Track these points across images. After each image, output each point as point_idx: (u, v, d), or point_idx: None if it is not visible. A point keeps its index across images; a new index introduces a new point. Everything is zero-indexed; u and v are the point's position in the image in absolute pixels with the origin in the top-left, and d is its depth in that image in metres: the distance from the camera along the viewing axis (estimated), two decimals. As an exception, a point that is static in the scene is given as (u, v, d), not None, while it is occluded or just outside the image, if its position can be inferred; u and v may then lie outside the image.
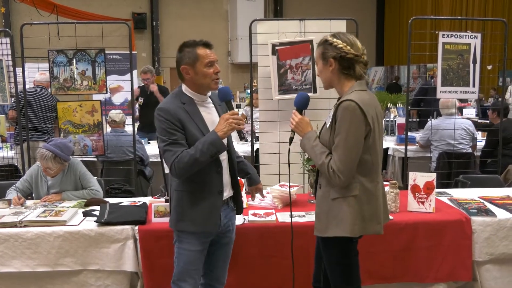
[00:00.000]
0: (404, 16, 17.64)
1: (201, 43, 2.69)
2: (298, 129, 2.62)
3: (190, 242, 2.74)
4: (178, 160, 2.58)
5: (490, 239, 3.34)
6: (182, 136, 2.63)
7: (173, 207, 2.79)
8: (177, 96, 2.74)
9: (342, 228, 2.49)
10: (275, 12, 18.35)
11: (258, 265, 3.30)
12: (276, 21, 4.79)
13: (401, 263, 3.35)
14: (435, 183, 3.53)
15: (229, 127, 2.59)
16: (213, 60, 2.68)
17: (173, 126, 2.62)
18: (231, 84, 17.09)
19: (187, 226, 2.73)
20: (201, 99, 2.76)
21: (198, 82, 2.70)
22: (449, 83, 5.23)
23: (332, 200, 2.52)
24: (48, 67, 4.83)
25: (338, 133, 2.44)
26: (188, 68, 2.68)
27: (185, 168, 2.59)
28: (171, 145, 2.61)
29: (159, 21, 17.06)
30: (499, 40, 7.45)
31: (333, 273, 2.65)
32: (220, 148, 2.60)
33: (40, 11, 12.10)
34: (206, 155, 2.57)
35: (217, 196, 2.74)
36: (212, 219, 2.73)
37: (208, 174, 2.70)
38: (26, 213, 3.45)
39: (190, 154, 2.57)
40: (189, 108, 2.69)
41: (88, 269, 3.25)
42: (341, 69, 2.54)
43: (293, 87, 4.61)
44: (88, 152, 4.97)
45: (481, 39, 5.24)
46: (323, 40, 2.59)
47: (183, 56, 2.69)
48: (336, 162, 2.43)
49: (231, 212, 2.91)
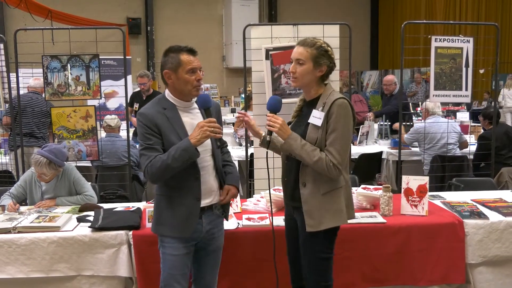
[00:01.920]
0: (398, 21, 17.69)
1: (185, 49, 2.70)
2: (281, 131, 2.66)
3: (173, 247, 2.74)
4: (151, 164, 2.60)
5: (483, 242, 3.37)
6: (158, 141, 2.65)
7: (153, 211, 2.83)
8: (159, 101, 2.75)
9: (337, 218, 2.67)
10: (269, 16, 18.37)
11: (252, 269, 3.30)
12: (270, 26, 4.82)
13: (394, 266, 3.36)
14: (428, 186, 3.55)
15: (203, 135, 2.58)
16: (196, 67, 2.68)
17: (150, 131, 2.64)
18: (226, 88, 17.10)
19: (165, 230, 2.75)
20: (183, 105, 2.75)
21: (179, 88, 2.71)
22: (442, 87, 5.27)
23: (322, 195, 2.65)
24: (42, 72, 4.83)
25: (335, 128, 2.59)
26: (170, 73, 2.69)
27: (158, 173, 2.60)
28: (146, 150, 2.64)
29: (154, 26, 17.04)
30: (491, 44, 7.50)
31: (316, 269, 2.73)
32: (192, 155, 2.59)
33: (34, 16, 12.06)
34: (178, 161, 2.57)
35: (195, 202, 2.72)
36: (189, 225, 2.71)
37: (186, 180, 2.70)
38: (20, 219, 3.45)
39: (163, 159, 2.58)
40: (169, 114, 2.69)
41: (82, 274, 3.25)
42: (324, 77, 2.71)
43: (287, 92, 4.63)
44: (83, 157, 4.97)
45: (474, 43, 5.29)
46: (318, 45, 2.68)
47: (167, 60, 2.70)
48: (335, 155, 2.57)
49: (217, 218, 2.88)
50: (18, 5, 11.64)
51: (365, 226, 3.35)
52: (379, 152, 6.45)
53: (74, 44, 4.90)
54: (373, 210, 3.63)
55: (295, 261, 2.90)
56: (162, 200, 2.76)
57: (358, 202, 3.70)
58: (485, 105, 13.72)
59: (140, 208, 3.64)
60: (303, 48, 2.69)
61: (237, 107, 12.82)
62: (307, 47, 2.68)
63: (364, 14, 19.69)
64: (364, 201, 3.69)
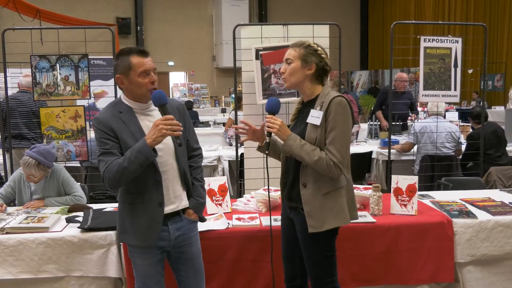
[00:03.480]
0: (388, 21, 17.80)
1: (136, 50, 2.57)
2: (280, 132, 2.63)
3: (141, 256, 2.66)
4: (107, 170, 2.48)
5: (472, 241, 3.39)
6: (115, 145, 2.54)
7: (117, 218, 2.72)
8: (115, 105, 2.64)
9: (340, 218, 2.66)
10: (259, 17, 18.40)
11: (242, 269, 3.30)
12: (260, 26, 4.82)
13: (384, 265, 3.37)
14: (417, 186, 3.57)
15: (158, 134, 2.42)
16: (148, 68, 2.55)
17: (105, 135, 2.53)
18: (216, 88, 17.10)
19: (129, 239, 2.65)
20: (140, 107, 2.63)
21: (133, 92, 2.59)
22: (431, 87, 5.31)
23: (323, 195, 2.63)
24: (30, 72, 4.79)
25: (334, 127, 2.58)
26: (122, 78, 2.57)
27: (115, 177, 2.48)
28: (103, 155, 2.53)
29: (144, 26, 17.01)
30: (480, 45, 7.56)
31: (318, 268, 2.72)
32: (148, 156, 2.44)
33: (22, 16, 11.99)
34: (134, 163, 2.43)
35: (157, 208, 2.59)
36: (152, 233, 2.60)
37: (147, 185, 2.58)
38: (8, 220, 3.42)
39: (119, 163, 2.46)
40: (125, 117, 2.58)
41: (72, 275, 3.23)
42: (316, 75, 2.70)
43: (277, 92, 4.64)
44: (72, 158, 4.94)
45: (462, 44, 5.32)
46: (306, 45, 2.70)
47: (118, 64, 2.58)
48: (336, 154, 2.56)
49: (187, 224, 2.74)
50: (6, 5, 11.55)
51: (354, 226, 3.34)
52: (369, 152, 6.47)
53: (63, 44, 4.88)
54: (363, 209, 3.64)
55: (291, 260, 2.89)
56: (124, 208, 2.65)
57: (348, 202, 3.71)
58: (474, 104, 13.85)
59: (129, 208, 3.62)
60: (292, 49, 2.72)
61: (228, 107, 12.83)
62: (296, 47, 2.71)
63: (354, 15, 19.78)
64: (354, 200, 3.70)
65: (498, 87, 14.35)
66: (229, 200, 3.74)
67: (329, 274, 2.74)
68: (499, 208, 3.62)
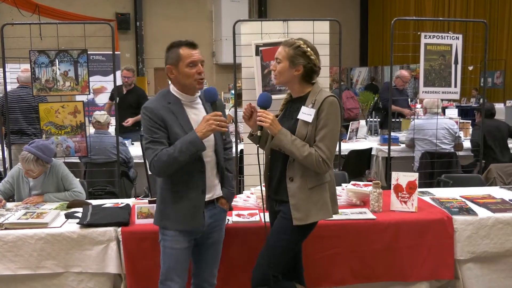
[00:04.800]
0: (388, 17, 17.78)
1: (184, 43, 2.70)
2: (272, 127, 2.68)
3: (174, 240, 2.75)
4: (157, 158, 2.60)
5: (472, 238, 3.38)
6: (164, 135, 2.65)
7: (157, 205, 2.82)
8: (164, 96, 2.76)
9: (323, 212, 2.75)
10: (259, 12, 18.35)
11: (241, 266, 3.29)
12: (260, 22, 4.80)
13: (384, 262, 3.37)
14: (417, 183, 3.56)
15: (208, 128, 2.59)
16: (196, 60, 2.68)
17: (155, 125, 2.64)
18: (216, 84, 17.02)
19: (170, 224, 2.75)
20: (188, 99, 2.77)
21: (181, 82, 2.72)
22: (431, 84, 5.29)
23: (309, 189, 2.71)
24: (30, 68, 4.77)
25: (325, 125, 2.66)
26: (172, 68, 2.70)
27: (164, 166, 2.61)
28: (152, 143, 2.64)
29: (143, 22, 16.95)
30: (480, 41, 7.54)
31: (275, 256, 2.76)
32: (199, 148, 2.60)
33: (21, 11, 11.96)
34: (185, 154, 2.58)
35: (200, 195, 2.74)
36: (196, 218, 2.74)
37: (191, 173, 2.71)
38: (7, 216, 3.41)
39: (169, 152, 2.59)
40: (174, 108, 2.70)
41: (71, 271, 3.22)
42: (304, 76, 2.75)
43: (277, 88, 4.62)
44: (71, 153, 4.93)
45: (463, 40, 5.31)
46: (296, 45, 2.74)
47: (168, 56, 2.72)
48: (325, 151, 2.64)
49: (219, 213, 2.89)
50: (5, 0, 11.52)
51: (355, 222, 3.35)
52: (368, 149, 6.47)
53: (62, 39, 4.86)
54: (363, 206, 3.63)
55: None
56: (167, 194, 2.75)
57: (348, 198, 3.71)
58: (473, 101, 13.85)
59: (129, 204, 3.62)
60: (282, 48, 2.77)
61: (227, 103, 12.79)
62: (286, 47, 2.75)
63: (354, 11, 19.73)
64: (354, 197, 3.70)
65: (497, 84, 14.33)
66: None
67: (277, 265, 2.76)
68: (499, 205, 3.61)
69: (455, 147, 6.00)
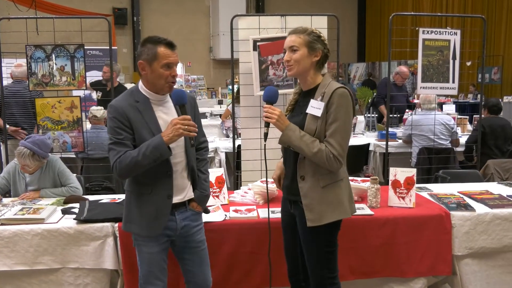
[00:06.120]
0: (385, 12, 17.76)
1: (164, 41, 2.57)
2: (279, 123, 2.57)
3: (147, 245, 2.68)
4: (120, 160, 2.50)
5: (469, 234, 3.38)
6: (129, 136, 2.55)
7: (124, 207, 2.74)
8: (132, 94, 2.63)
9: (339, 211, 2.61)
10: (257, 7, 18.29)
11: (239, 262, 3.29)
12: (258, 17, 4.78)
13: (382, 258, 3.36)
14: (415, 178, 3.56)
15: (175, 133, 2.47)
16: (173, 62, 2.55)
17: (121, 125, 2.54)
18: (213, 80, 17.03)
19: (135, 229, 2.68)
20: (157, 98, 2.64)
21: (152, 81, 2.59)
22: (429, 79, 5.29)
23: (322, 188, 2.59)
24: (26, 62, 4.75)
25: (336, 119, 2.52)
26: (145, 65, 2.57)
27: (126, 169, 2.51)
28: (115, 145, 2.54)
29: (140, 17, 16.89)
30: (478, 37, 7.53)
31: (318, 262, 2.67)
32: (163, 153, 2.49)
33: (18, 5, 11.90)
34: (149, 158, 2.48)
35: (165, 200, 2.64)
36: (158, 224, 2.63)
37: (157, 177, 2.61)
38: (4, 211, 3.40)
39: (132, 156, 2.49)
40: (142, 107, 2.58)
41: (67, 267, 3.22)
42: (319, 63, 2.64)
43: (275, 83, 4.61)
44: (68, 148, 4.91)
45: (461, 36, 5.30)
46: (309, 31, 2.63)
47: (143, 51, 2.57)
48: (336, 147, 2.51)
49: (193, 215, 2.79)
50: (1, -6, 11.47)
51: (352, 218, 3.30)
52: (366, 144, 6.46)
53: (58, 34, 4.83)
54: (360, 202, 3.63)
55: (293, 256, 2.86)
56: (131, 197, 2.67)
57: (346, 194, 3.70)
58: (471, 97, 13.86)
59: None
60: (295, 36, 2.62)
61: (224, 98, 12.77)
62: (300, 34, 2.62)
63: (352, 6, 19.70)
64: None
65: (495, 80, 14.33)
66: (226, 192, 3.72)
67: (329, 270, 2.70)
68: (497, 201, 3.61)
69: (451, 143, 5.99)
